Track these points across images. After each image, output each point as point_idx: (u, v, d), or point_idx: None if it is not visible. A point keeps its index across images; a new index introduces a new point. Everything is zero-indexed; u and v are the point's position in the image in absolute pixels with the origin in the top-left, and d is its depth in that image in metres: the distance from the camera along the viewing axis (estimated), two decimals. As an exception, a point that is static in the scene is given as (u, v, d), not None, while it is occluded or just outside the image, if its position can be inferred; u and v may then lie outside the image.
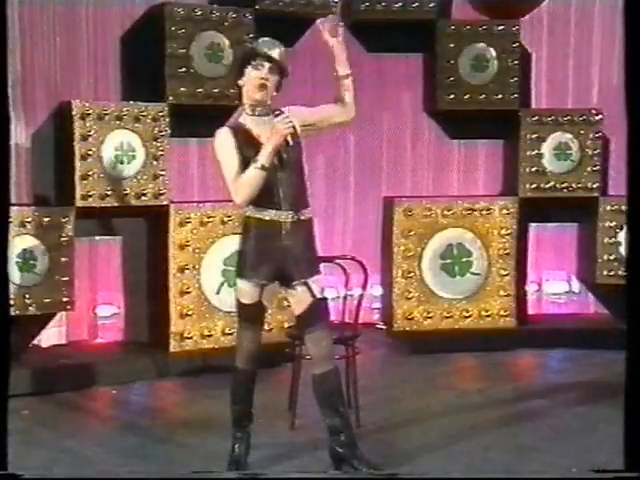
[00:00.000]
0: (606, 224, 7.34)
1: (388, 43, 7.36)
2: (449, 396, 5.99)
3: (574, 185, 7.35)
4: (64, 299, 6.26)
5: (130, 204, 6.41)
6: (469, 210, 7.24)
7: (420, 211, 7.18)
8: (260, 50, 4.39)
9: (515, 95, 7.30)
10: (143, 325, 6.79)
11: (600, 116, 7.35)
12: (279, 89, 4.46)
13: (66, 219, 6.22)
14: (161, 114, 6.47)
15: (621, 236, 7.22)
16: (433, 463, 4.71)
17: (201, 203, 6.65)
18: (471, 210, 7.23)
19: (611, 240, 7.34)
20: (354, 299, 5.56)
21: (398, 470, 4.56)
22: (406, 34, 7.27)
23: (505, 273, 7.28)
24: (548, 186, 7.34)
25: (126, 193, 6.38)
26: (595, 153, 7.36)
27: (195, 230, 6.54)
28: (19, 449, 4.59)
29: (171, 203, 6.53)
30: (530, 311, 7.76)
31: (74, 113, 6.23)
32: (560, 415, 5.54)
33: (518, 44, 7.31)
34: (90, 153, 6.27)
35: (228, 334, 6.46)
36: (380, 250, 7.54)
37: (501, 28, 7.27)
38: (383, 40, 7.33)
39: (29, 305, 6.12)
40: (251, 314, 4.50)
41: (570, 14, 7.90)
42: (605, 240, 7.35)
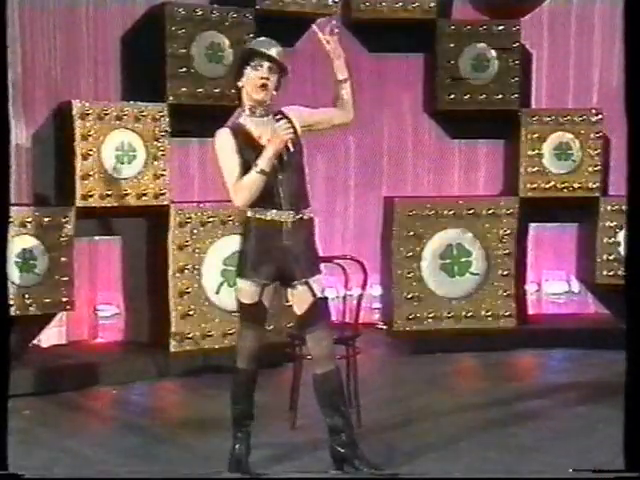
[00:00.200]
0: (606, 224, 7.34)
1: (388, 43, 7.36)
2: (449, 396, 5.98)
3: (574, 185, 7.35)
4: (64, 299, 6.26)
5: (130, 204, 6.41)
6: (469, 210, 7.23)
7: (420, 211, 7.18)
8: (258, 50, 4.38)
9: (515, 95, 7.30)
10: (143, 325, 6.80)
11: (600, 116, 7.35)
12: (278, 88, 4.45)
13: (66, 219, 6.22)
14: (161, 114, 6.47)
15: (621, 236, 7.22)
16: (433, 463, 4.70)
17: (201, 203, 6.65)
18: (471, 210, 7.23)
19: (611, 240, 7.34)
20: (354, 299, 5.56)
21: (399, 470, 4.56)
22: (406, 34, 7.27)
23: (505, 273, 7.28)
24: (548, 186, 7.34)
25: (126, 193, 6.39)
26: (595, 153, 7.36)
27: (195, 230, 6.54)
28: (20, 449, 4.59)
29: (171, 203, 6.54)
30: (530, 311, 7.76)
31: (74, 113, 6.23)
32: (560, 415, 5.54)
33: (518, 44, 7.31)
34: (90, 153, 6.27)
35: (228, 334, 6.46)
36: (380, 250, 7.55)
37: (501, 28, 7.26)
38: (383, 40, 7.33)
39: (29, 305, 6.12)
40: (252, 314, 4.49)
41: (571, 14, 7.90)
42: (605, 240, 7.35)
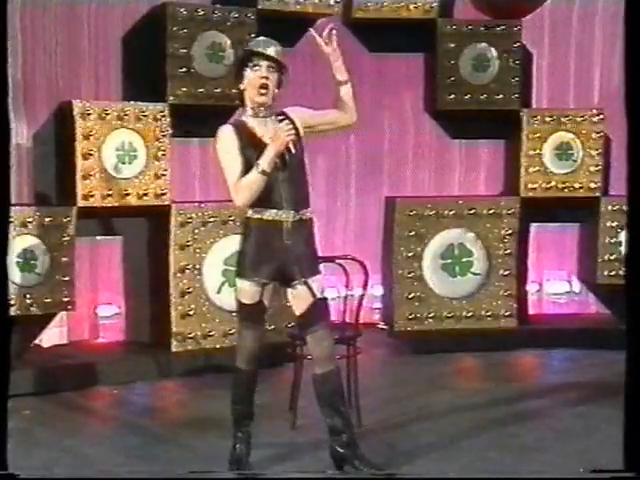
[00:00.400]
0: (607, 224, 7.33)
1: (389, 43, 7.35)
2: (450, 396, 5.98)
3: (575, 185, 7.35)
4: (65, 299, 6.26)
5: (131, 204, 6.41)
6: (470, 210, 7.23)
7: (421, 211, 7.17)
8: (256, 50, 4.39)
9: (516, 95, 7.29)
10: (144, 325, 6.79)
11: (601, 116, 7.34)
12: (280, 85, 4.46)
13: (67, 219, 6.22)
14: (162, 114, 6.47)
15: (622, 236, 7.21)
16: (434, 463, 4.70)
17: (202, 203, 6.65)
18: (472, 210, 7.23)
19: (612, 240, 7.33)
20: (355, 299, 5.56)
21: (399, 470, 4.56)
22: (407, 34, 7.26)
23: (506, 273, 7.27)
24: (549, 186, 7.33)
25: (127, 193, 6.38)
26: (596, 153, 7.35)
27: (196, 230, 6.54)
28: (20, 449, 4.60)
29: (172, 203, 6.54)
30: (531, 311, 7.76)
31: (75, 113, 6.22)
32: (561, 415, 5.54)
33: (519, 44, 7.30)
34: (91, 153, 6.26)
35: (229, 334, 6.46)
36: (381, 250, 7.54)
37: (502, 28, 7.25)
38: (384, 40, 7.32)
39: (30, 305, 6.12)
40: (252, 314, 4.49)
41: (572, 14, 7.89)
42: (606, 240, 7.35)
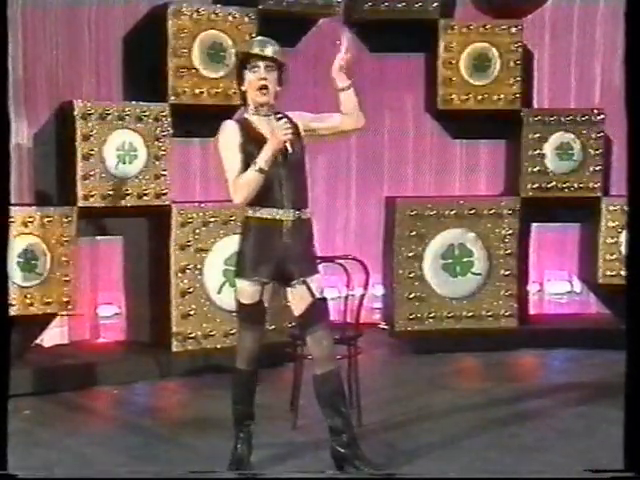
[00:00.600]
0: (608, 224, 7.33)
1: (390, 43, 7.35)
2: (450, 396, 5.98)
3: (576, 185, 7.35)
4: (65, 299, 6.26)
5: (132, 204, 6.41)
6: (471, 210, 7.22)
7: (422, 211, 7.17)
8: (253, 51, 4.40)
9: (517, 95, 7.28)
10: (145, 325, 6.79)
11: (602, 116, 7.34)
12: (281, 83, 4.47)
13: (68, 219, 6.22)
14: (163, 114, 6.47)
15: (623, 236, 7.21)
16: (434, 463, 4.70)
17: (203, 203, 6.65)
18: (473, 210, 7.23)
19: (613, 240, 7.33)
20: (355, 299, 5.56)
21: (399, 470, 4.56)
22: (408, 34, 7.26)
23: (507, 273, 7.27)
24: (550, 186, 7.33)
25: (128, 193, 6.38)
26: (597, 153, 7.35)
27: (197, 230, 6.54)
28: (21, 449, 4.60)
29: (173, 203, 6.54)
30: (532, 311, 7.75)
31: (76, 113, 6.22)
32: (561, 415, 5.53)
33: (520, 44, 7.30)
34: (92, 153, 6.27)
35: (230, 334, 6.46)
36: (382, 250, 7.54)
37: (503, 28, 7.25)
38: (385, 40, 7.32)
39: (30, 305, 6.12)
40: (251, 314, 4.49)
41: (573, 14, 7.89)
42: (607, 240, 7.35)
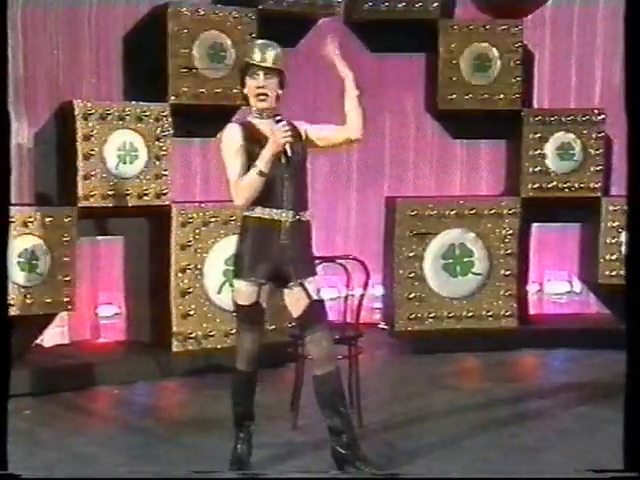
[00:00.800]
0: (608, 224, 7.33)
1: (391, 43, 7.34)
2: (450, 396, 5.98)
3: (577, 185, 7.35)
4: (66, 299, 6.26)
5: (132, 204, 6.41)
6: (471, 210, 7.22)
7: (422, 211, 7.17)
8: (252, 61, 4.40)
9: (517, 95, 7.28)
10: (145, 325, 6.79)
11: (603, 116, 7.34)
12: (283, 86, 4.48)
13: (68, 219, 6.22)
14: (163, 114, 6.47)
15: (623, 236, 7.21)
16: (435, 463, 4.70)
17: (203, 203, 6.65)
18: (473, 210, 7.22)
19: (613, 240, 7.33)
20: (356, 299, 5.56)
21: (400, 470, 4.56)
22: (409, 34, 7.26)
23: (507, 273, 7.27)
24: (550, 186, 7.33)
25: (128, 193, 6.38)
26: (598, 153, 7.35)
27: (197, 230, 6.54)
28: (21, 449, 4.61)
29: (173, 203, 6.54)
30: (532, 311, 7.76)
31: (76, 113, 6.22)
32: (561, 415, 5.54)
33: (521, 44, 7.30)
34: (92, 153, 6.27)
35: (230, 334, 6.44)
36: (382, 250, 7.54)
37: (504, 28, 7.25)
38: (386, 40, 7.32)
39: (31, 305, 6.12)
40: (249, 315, 4.49)
41: (573, 14, 7.88)
42: (607, 240, 7.34)
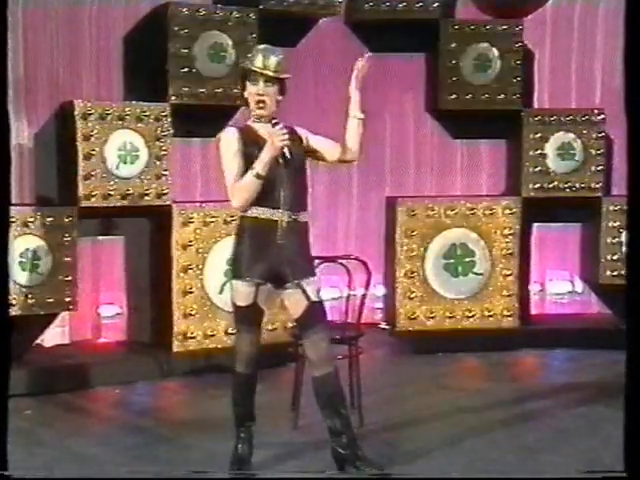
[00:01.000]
0: (609, 224, 7.33)
1: (391, 43, 7.33)
2: (451, 396, 5.98)
3: (577, 185, 7.35)
4: (67, 299, 6.26)
5: (133, 204, 6.41)
6: (472, 210, 7.23)
7: (423, 211, 7.17)
8: (255, 66, 4.40)
9: (518, 95, 7.29)
10: (146, 325, 6.79)
11: (603, 116, 7.34)
12: (283, 92, 4.48)
13: (69, 219, 6.22)
14: (164, 114, 6.47)
15: (624, 236, 7.20)
16: (435, 463, 4.70)
17: (204, 203, 6.65)
18: (474, 210, 7.23)
19: (614, 240, 7.33)
20: (357, 299, 5.56)
21: (400, 470, 4.56)
22: (409, 34, 7.26)
23: (508, 273, 7.27)
24: (551, 186, 7.33)
25: (129, 193, 6.38)
26: (598, 153, 7.35)
27: (198, 230, 6.54)
28: (21, 449, 4.61)
29: (174, 203, 6.54)
30: (533, 311, 7.75)
31: (77, 113, 6.23)
32: (562, 415, 5.53)
33: (521, 44, 7.30)
34: (93, 153, 6.27)
35: (231, 334, 6.44)
36: (383, 250, 7.54)
37: (504, 28, 7.25)
38: (386, 40, 7.31)
39: (32, 305, 6.12)
40: (247, 317, 4.48)
41: (573, 14, 7.87)
42: (608, 240, 7.34)
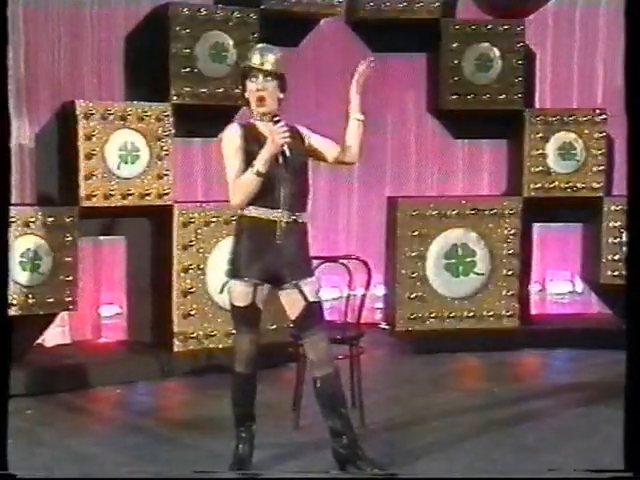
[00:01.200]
0: (610, 224, 7.33)
1: (392, 43, 7.33)
2: (452, 396, 5.98)
3: (578, 185, 7.34)
4: (67, 299, 6.26)
5: (134, 204, 6.41)
6: (473, 210, 7.22)
7: (424, 211, 7.17)
8: (253, 63, 4.41)
9: (519, 95, 7.28)
10: (146, 325, 6.79)
11: (604, 116, 7.34)
12: (284, 89, 4.48)
13: (70, 219, 6.22)
14: (165, 114, 6.47)
15: (625, 236, 7.20)
16: (436, 463, 4.70)
17: (205, 203, 6.65)
18: (475, 210, 7.22)
19: (615, 240, 7.33)
20: (357, 299, 5.56)
21: (401, 470, 4.56)
22: (410, 34, 7.26)
23: (509, 273, 7.27)
24: (552, 186, 7.33)
25: (130, 193, 6.38)
26: (599, 153, 7.35)
27: (199, 230, 6.54)
28: (22, 449, 4.61)
29: (175, 203, 6.54)
30: (533, 311, 7.75)
31: (78, 113, 6.23)
32: (563, 415, 5.53)
33: (522, 44, 7.29)
34: (94, 153, 6.27)
35: (231, 334, 6.40)
36: (384, 250, 7.54)
37: (505, 28, 7.25)
38: (387, 40, 7.31)
39: (32, 305, 6.12)
40: (245, 317, 4.48)
41: (575, 14, 7.87)
42: (609, 240, 7.34)
